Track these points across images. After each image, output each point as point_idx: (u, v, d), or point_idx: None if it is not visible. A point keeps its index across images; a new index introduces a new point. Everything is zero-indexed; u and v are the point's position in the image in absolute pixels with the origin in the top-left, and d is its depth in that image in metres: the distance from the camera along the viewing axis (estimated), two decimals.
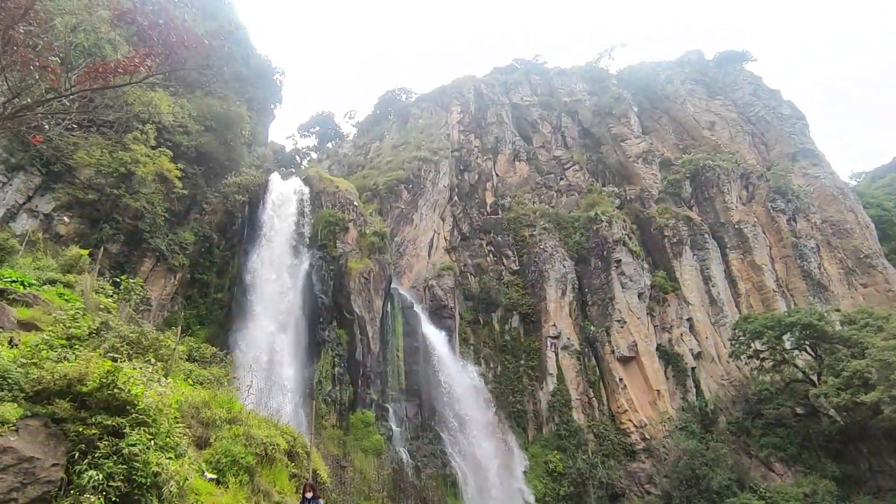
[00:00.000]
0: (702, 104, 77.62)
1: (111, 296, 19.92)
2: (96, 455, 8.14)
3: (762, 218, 63.76)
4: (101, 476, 7.81)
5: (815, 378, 47.02)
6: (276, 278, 39.58)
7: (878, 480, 43.34)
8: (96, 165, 29.37)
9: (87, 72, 13.36)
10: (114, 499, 7.87)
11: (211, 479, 10.95)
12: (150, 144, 32.30)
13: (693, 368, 53.07)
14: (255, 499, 11.07)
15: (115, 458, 8.17)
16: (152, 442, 8.80)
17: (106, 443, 8.32)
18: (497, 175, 70.25)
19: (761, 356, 49.09)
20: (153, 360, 12.05)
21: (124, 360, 10.99)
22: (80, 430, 8.39)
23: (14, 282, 17.06)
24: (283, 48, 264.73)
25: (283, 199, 44.83)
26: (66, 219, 28.80)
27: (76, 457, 8.09)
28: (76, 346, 12.54)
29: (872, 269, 61.68)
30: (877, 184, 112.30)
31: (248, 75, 51.85)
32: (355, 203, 47.80)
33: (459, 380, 45.33)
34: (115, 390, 8.90)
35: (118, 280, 22.21)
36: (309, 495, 9.14)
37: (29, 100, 14.16)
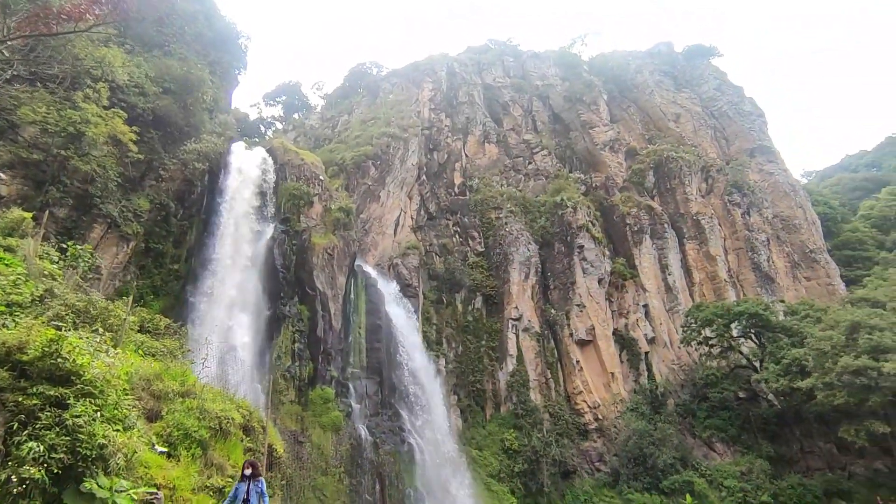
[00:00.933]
0: (669, 96, 79.16)
1: (57, 262, 18.89)
2: (37, 426, 7.84)
3: (719, 210, 66.10)
4: (41, 448, 7.54)
5: (757, 364, 49.65)
6: (235, 251, 38.47)
7: (808, 461, 46.49)
8: (42, 123, 27.48)
9: (29, 17, 12.36)
10: (56, 471, 7.61)
11: (161, 453, 10.67)
12: (102, 104, 30.44)
13: (646, 353, 55.13)
14: (208, 472, 10.87)
15: (57, 429, 7.89)
16: (98, 414, 8.49)
17: (48, 414, 8.03)
18: (466, 156, 70.00)
19: (710, 343, 51.45)
20: (101, 330, 11.55)
21: (70, 329, 10.48)
22: (20, 400, 8.04)
23: None
24: (249, 12, 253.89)
25: (246, 169, 43.37)
26: (4, 177, 26.99)
27: (15, 428, 7.75)
28: (17, 314, 11.91)
29: (816, 263, 65.13)
30: (825, 182, 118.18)
31: (212, 38, 49.40)
32: (321, 177, 46.76)
33: (420, 358, 45.61)
34: (59, 360, 8.54)
35: (65, 246, 21.07)
36: (248, 472, 8.95)
37: None
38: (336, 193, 48.22)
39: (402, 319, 46.73)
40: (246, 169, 43.28)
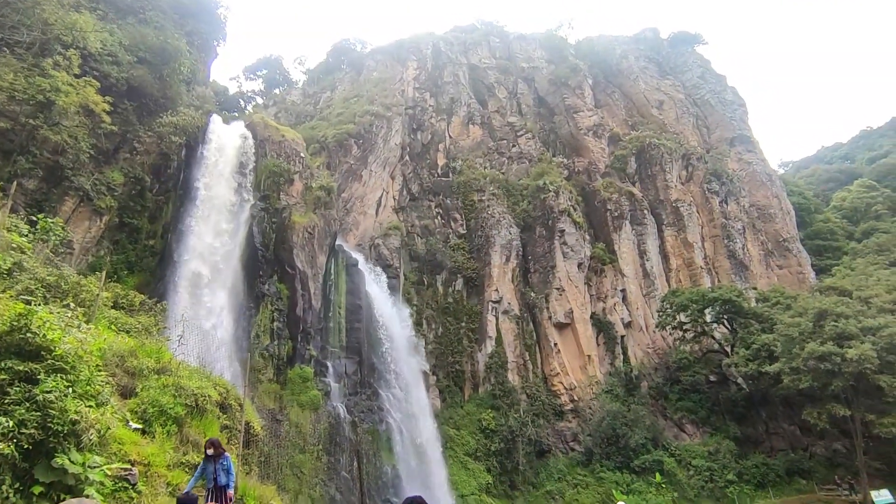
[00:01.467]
0: (653, 82, 79.42)
1: (26, 235, 18.33)
2: (6, 401, 7.70)
3: (697, 198, 67.10)
4: (11, 423, 7.42)
5: (728, 349, 51.11)
6: (213, 227, 37.79)
7: (772, 441, 48.36)
8: (9, 90, 26.35)
9: None
10: (27, 446, 7.50)
11: (136, 429, 10.58)
12: (73, 72, 29.29)
13: (622, 336, 56.25)
14: (184, 449, 10.83)
15: (27, 404, 7.76)
16: (70, 389, 8.36)
17: (17, 389, 7.90)
18: (450, 137, 69.50)
19: (684, 327, 52.72)
20: (73, 305, 11.29)
21: (40, 304, 10.23)
22: None
23: None
24: None
25: (225, 144, 42.38)
26: None
27: None
28: None
29: (788, 252, 66.85)
30: (801, 173, 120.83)
31: (189, 6, 47.66)
32: (302, 154, 45.99)
33: (400, 339, 45.80)
34: (29, 334, 8.37)
35: (35, 219, 20.43)
36: (210, 452, 8.78)
37: None
38: (317, 171, 47.57)
39: (383, 300, 46.74)
40: (225, 144, 42.29)
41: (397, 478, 37.28)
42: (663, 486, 43.94)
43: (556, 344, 53.51)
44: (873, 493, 38.35)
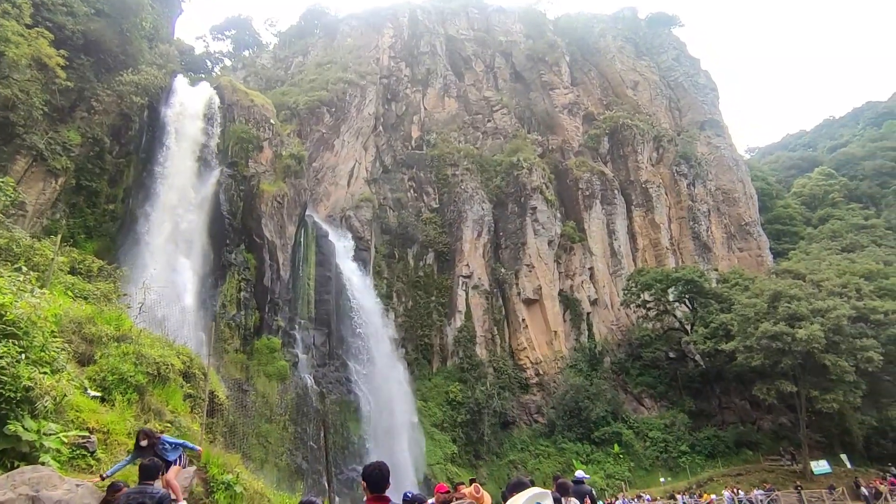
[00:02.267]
0: (629, 63, 79.62)
1: None
2: None
3: (666, 180, 68.40)
4: None
5: (688, 327, 53.04)
6: (178, 194, 36.53)
7: (724, 415, 50.86)
8: None
9: None
10: None
11: (94, 397, 10.31)
12: (24, 22, 27.43)
13: (588, 313, 57.62)
14: (145, 417, 10.63)
15: None
16: (23, 355, 8.05)
17: None
18: (425, 109, 68.46)
19: (648, 306, 54.32)
20: (25, 269, 10.79)
21: None
22: None
23: None
24: None
25: (190, 106, 40.68)
26: None
27: None
28: None
29: (749, 235, 69.19)
30: (766, 159, 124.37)
31: None
32: (272, 121, 44.63)
33: (370, 312, 45.77)
34: None
35: None
36: (143, 443, 7.98)
37: None
38: (287, 139, 46.29)
39: (353, 272, 46.45)
40: (190, 107, 40.61)
41: (364, 448, 37.75)
42: (621, 456, 45.87)
43: (524, 319, 54.45)
44: (813, 463, 41.12)
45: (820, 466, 41.06)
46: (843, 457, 42.14)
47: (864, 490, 36.57)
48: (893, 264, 52.12)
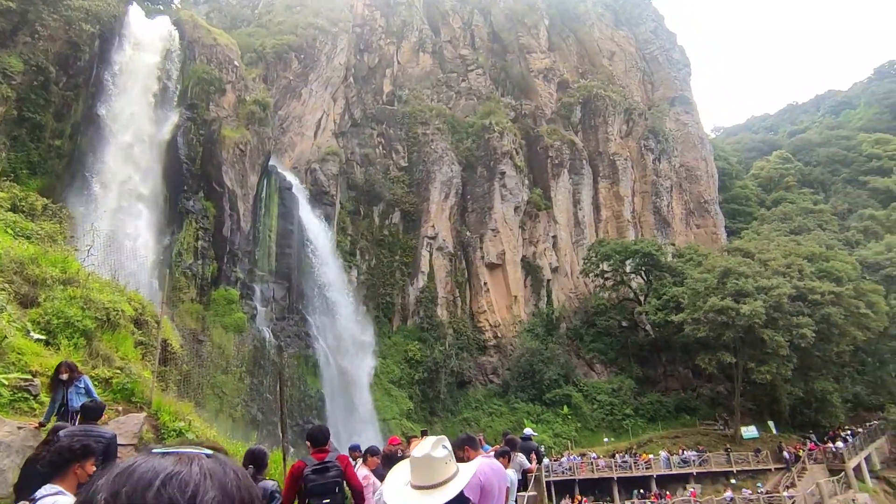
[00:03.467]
0: (607, 31, 78.90)
1: None
2: None
3: (634, 153, 69.30)
4: None
5: (642, 298, 55.09)
6: (132, 134, 34.56)
7: (668, 382, 53.79)
8: None
9: None
10: None
11: (38, 340, 9.90)
12: None
13: (549, 280, 58.91)
14: (93, 363, 10.31)
15: None
16: None
17: None
18: (399, 63, 66.34)
19: (606, 276, 55.95)
20: None
21: None
22: None
23: None
24: None
25: (147, 40, 38.03)
26: None
27: None
28: None
29: (707, 213, 71.56)
30: (729, 140, 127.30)
31: None
32: (236, 63, 42.38)
33: (332, 267, 45.39)
34: None
35: None
36: (64, 377, 7.60)
37: None
38: (252, 84, 44.18)
39: (316, 226, 45.70)
40: (146, 40, 37.99)
41: (321, 401, 38.16)
42: (569, 417, 48.09)
43: (485, 283, 55.23)
44: (743, 429, 44.37)
45: (749, 432, 44.32)
46: (771, 424, 45.48)
47: (785, 454, 39.91)
48: (835, 248, 55.13)
